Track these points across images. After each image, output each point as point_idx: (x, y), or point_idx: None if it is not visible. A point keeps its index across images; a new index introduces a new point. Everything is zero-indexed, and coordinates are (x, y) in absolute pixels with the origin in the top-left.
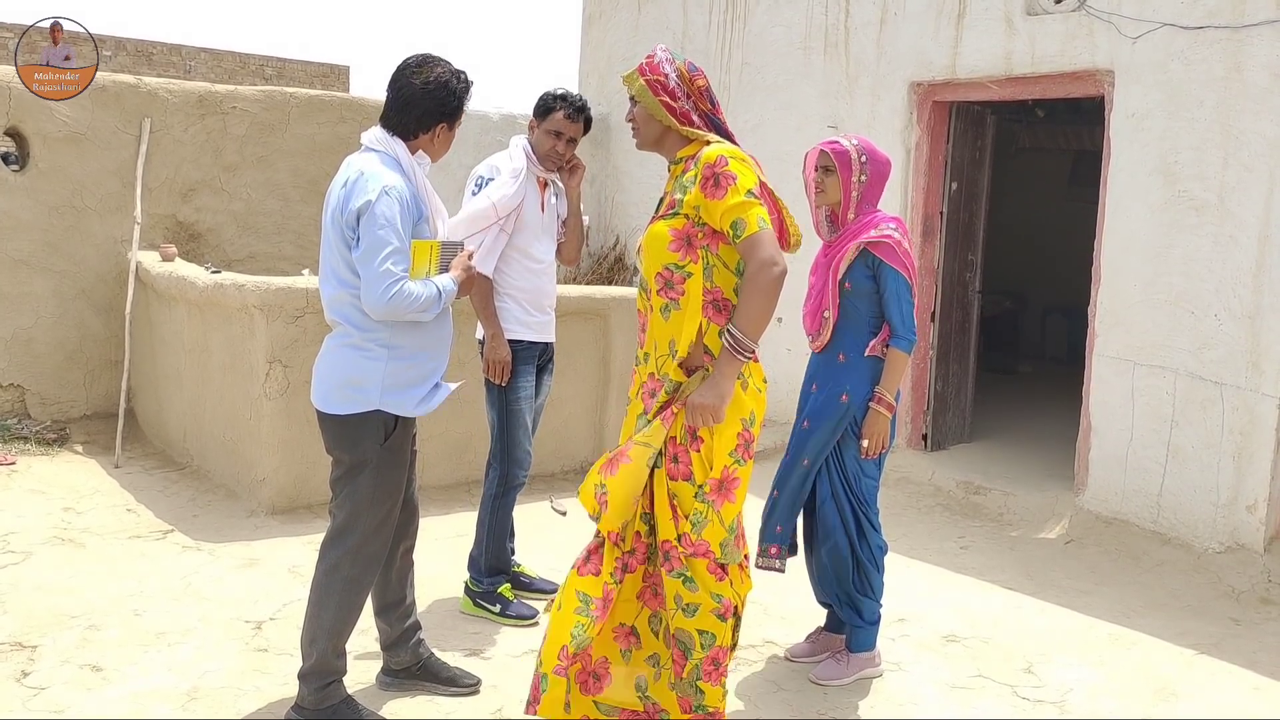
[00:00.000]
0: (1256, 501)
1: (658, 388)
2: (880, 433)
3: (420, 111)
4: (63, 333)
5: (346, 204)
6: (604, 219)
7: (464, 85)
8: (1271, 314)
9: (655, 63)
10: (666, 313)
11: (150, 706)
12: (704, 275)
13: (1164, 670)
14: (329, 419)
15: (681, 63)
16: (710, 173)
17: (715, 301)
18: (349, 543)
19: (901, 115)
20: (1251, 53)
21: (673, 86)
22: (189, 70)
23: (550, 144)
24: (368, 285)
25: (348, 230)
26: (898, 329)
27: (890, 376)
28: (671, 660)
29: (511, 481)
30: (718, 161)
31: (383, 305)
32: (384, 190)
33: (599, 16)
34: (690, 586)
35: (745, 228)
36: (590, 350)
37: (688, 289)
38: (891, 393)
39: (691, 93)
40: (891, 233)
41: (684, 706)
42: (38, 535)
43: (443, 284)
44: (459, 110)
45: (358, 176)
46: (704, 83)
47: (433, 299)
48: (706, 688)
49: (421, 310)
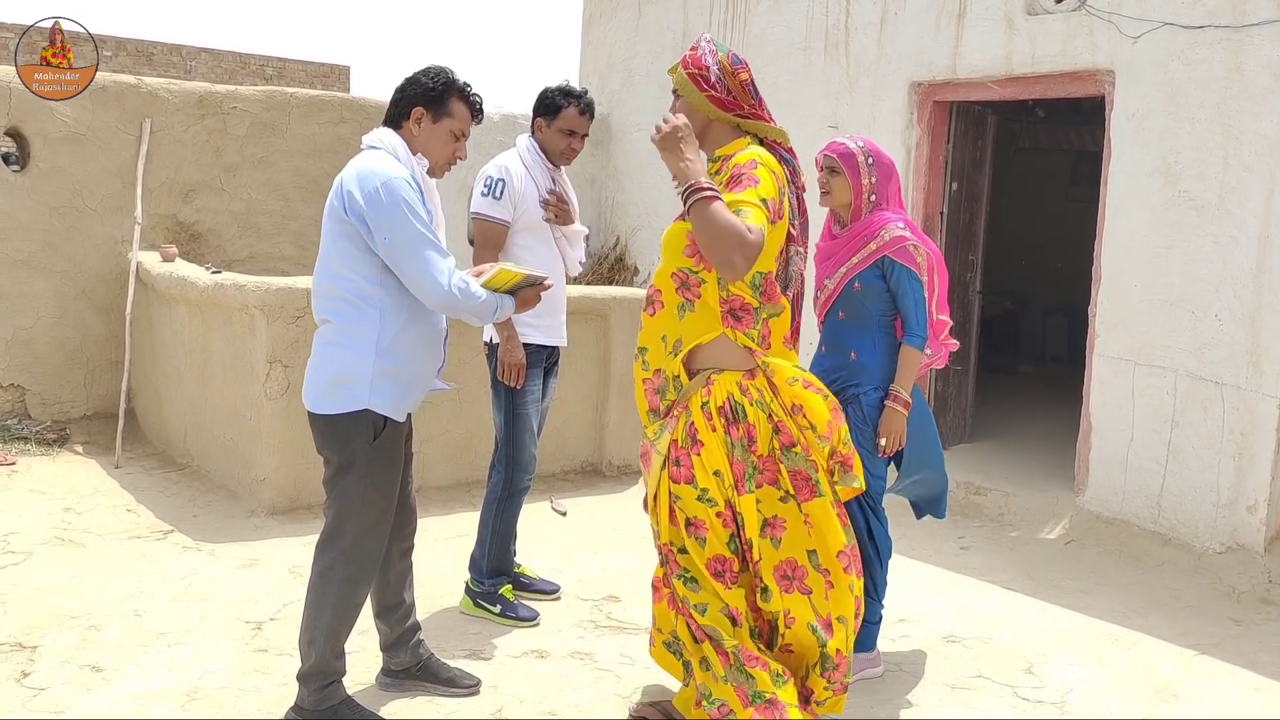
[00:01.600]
0: (1257, 502)
1: (663, 385)
2: (897, 430)
3: (399, 95)
4: (63, 333)
5: (352, 195)
6: (604, 219)
7: (447, 79)
8: (1272, 314)
9: (699, 55)
10: (682, 311)
11: (150, 707)
12: (718, 284)
13: (1164, 670)
14: (317, 419)
15: (724, 54)
16: (737, 173)
17: (733, 310)
18: (342, 544)
19: (902, 115)
20: (1252, 53)
21: (714, 79)
22: (189, 70)
23: (564, 143)
24: (421, 275)
25: (354, 219)
26: (911, 326)
27: (904, 374)
28: (716, 654)
29: (516, 486)
30: (747, 165)
31: (443, 295)
32: (396, 176)
33: (599, 17)
34: (692, 587)
35: (745, 217)
36: (590, 350)
37: (704, 294)
38: (907, 390)
39: (733, 86)
40: (901, 232)
41: (741, 697)
42: (38, 535)
43: (504, 303)
44: (436, 96)
45: (364, 169)
46: (747, 77)
47: (489, 309)
48: (755, 673)
49: (475, 313)
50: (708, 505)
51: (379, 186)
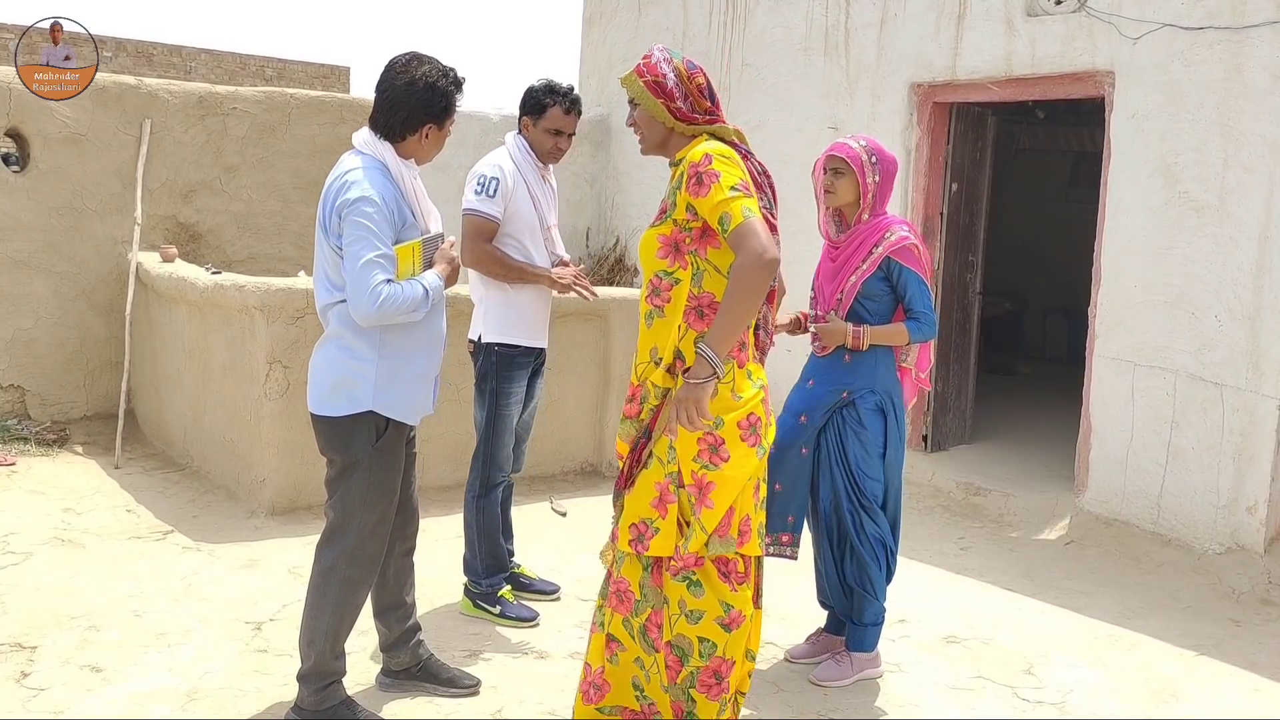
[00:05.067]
0: (1257, 503)
1: (636, 394)
2: (831, 335)
3: (406, 113)
4: (63, 334)
5: (330, 210)
6: (604, 220)
7: (453, 84)
8: (1271, 315)
9: (653, 63)
10: (650, 320)
11: (150, 707)
12: (692, 281)
13: (1164, 671)
14: (320, 420)
15: (680, 61)
16: (694, 172)
17: (699, 308)
18: (344, 544)
19: (902, 116)
20: (1252, 53)
21: (671, 87)
22: (189, 71)
23: (551, 142)
24: (353, 294)
25: (333, 236)
26: (919, 316)
27: (883, 334)
28: (665, 665)
29: (490, 482)
30: (701, 161)
31: (370, 312)
32: (363, 197)
33: (599, 17)
34: (695, 591)
35: (731, 220)
36: (590, 351)
37: (674, 296)
38: (876, 340)
39: (690, 92)
40: (907, 235)
41: (676, 711)
42: (38, 536)
43: (429, 281)
44: (447, 110)
45: (341, 182)
46: (703, 81)
47: (419, 299)
48: (699, 699)
49: (410, 311)
50: None
51: (349, 206)
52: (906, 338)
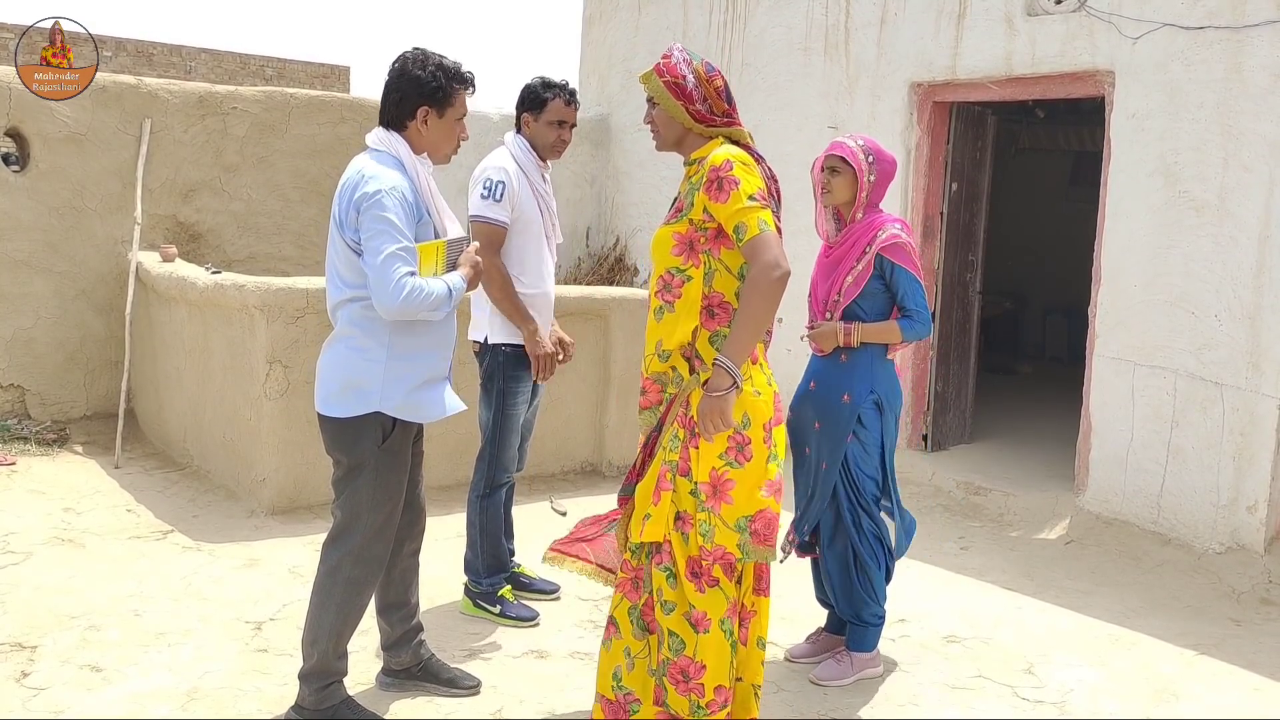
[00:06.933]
0: (1257, 502)
1: (649, 386)
2: (823, 338)
3: (399, 95)
4: (63, 333)
5: (348, 205)
6: (604, 220)
7: (443, 68)
8: (1271, 314)
9: (673, 64)
10: (660, 314)
11: (150, 707)
12: (704, 280)
13: (1164, 671)
14: (327, 420)
15: (699, 63)
16: (714, 176)
17: (710, 307)
18: (350, 544)
19: (902, 116)
20: (1251, 53)
21: (690, 89)
22: (189, 71)
23: (554, 135)
24: (377, 286)
25: (350, 231)
26: (913, 314)
27: (874, 332)
28: (656, 646)
29: (496, 482)
30: (723, 166)
31: (395, 305)
32: (382, 189)
33: (599, 17)
34: (671, 583)
35: (747, 231)
36: (590, 350)
37: (685, 292)
38: (866, 337)
39: (709, 94)
40: (899, 233)
41: (656, 696)
42: (38, 535)
43: (453, 281)
44: (439, 91)
45: (359, 177)
46: (721, 83)
47: (443, 296)
48: (669, 688)
49: (434, 308)
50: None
51: (369, 199)
52: (899, 335)
